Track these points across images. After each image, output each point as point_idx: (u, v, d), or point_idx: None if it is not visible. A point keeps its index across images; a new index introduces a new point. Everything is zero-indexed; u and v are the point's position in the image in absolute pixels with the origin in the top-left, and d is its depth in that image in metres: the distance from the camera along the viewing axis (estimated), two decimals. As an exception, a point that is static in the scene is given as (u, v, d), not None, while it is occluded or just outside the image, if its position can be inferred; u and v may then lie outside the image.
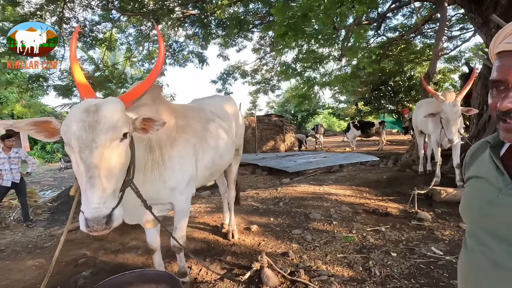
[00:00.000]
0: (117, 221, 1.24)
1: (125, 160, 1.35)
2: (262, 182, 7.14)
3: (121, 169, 1.32)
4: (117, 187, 1.30)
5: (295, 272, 2.36)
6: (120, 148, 1.29)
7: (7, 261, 3.20)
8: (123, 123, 1.29)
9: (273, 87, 15.22)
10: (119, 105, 1.34)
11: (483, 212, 0.74)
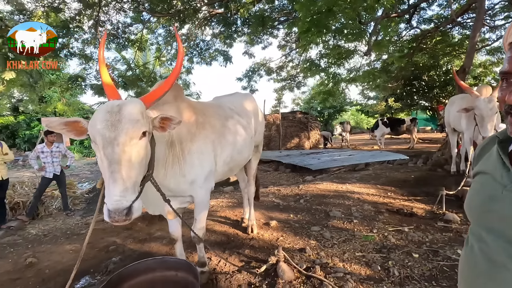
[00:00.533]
0: (136, 213, 1.33)
1: (144, 157, 1.43)
2: (285, 179, 7.15)
3: (140, 165, 1.40)
4: (137, 181, 1.39)
5: (311, 268, 2.38)
6: (139, 146, 1.37)
7: (49, 244, 3.54)
8: (142, 122, 1.38)
9: (298, 84, 15.07)
10: (139, 106, 1.44)
11: (486, 208, 0.72)
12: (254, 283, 2.25)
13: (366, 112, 28.75)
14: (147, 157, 1.48)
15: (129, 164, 1.33)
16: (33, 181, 6.36)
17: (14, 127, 17.84)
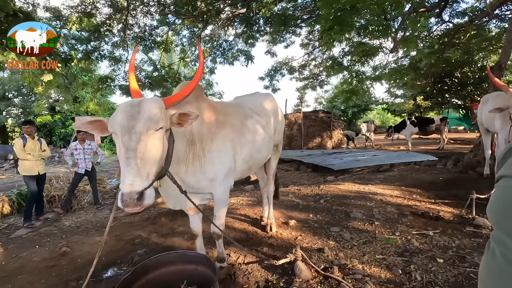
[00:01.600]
0: (148, 200, 1.40)
1: (159, 149, 1.50)
2: (306, 179, 7.09)
3: (154, 156, 1.47)
4: (150, 170, 1.46)
5: (328, 268, 2.37)
6: (154, 137, 1.46)
7: (81, 236, 3.80)
8: (159, 117, 1.48)
9: (321, 83, 14.86)
10: (159, 103, 1.56)
11: (508, 213, 0.70)
12: (271, 281, 2.28)
13: (392, 111, 27.66)
14: (162, 151, 1.55)
15: (143, 152, 1.41)
16: (67, 176, 6.80)
17: (51, 126, 19.14)
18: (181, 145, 1.87)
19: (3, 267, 3.00)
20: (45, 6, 7.27)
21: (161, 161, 1.57)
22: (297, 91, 17.38)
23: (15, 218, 5.16)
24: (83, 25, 7.43)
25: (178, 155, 1.84)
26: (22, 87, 18.30)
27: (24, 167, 4.67)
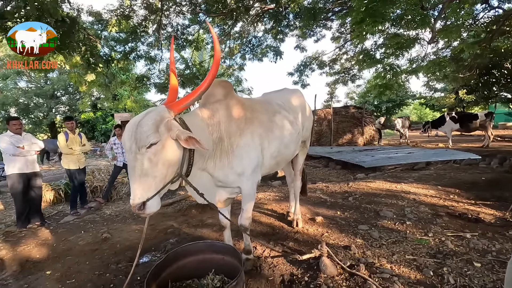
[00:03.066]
0: (150, 209, 1.56)
1: (157, 163, 1.56)
2: (334, 176, 6.97)
3: (153, 170, 1.56)
4: (152, 183, 1.57)
5: (355, 265, 2.34)
6: (150, 153, 1.53)
7: (120, 224, 4.10)
8: (148, 134, 1.52)
9: (353, 77, 14.37)
10: (155, 119, 1.58)
11: None
12: (296, 274, 2.31)
13: (431, 106, 25.94)
14: (164, 163, 1.60)
15: (141, 169, 1.53)
16: (107, 169, 7.34)
17: (93, 122, 20.63)
18: (208, 144, 1.93)
19: (55, 248, 3.35)
20: (88, 11, 7.84)
21: (167, 170, 1.63)
22: (327, 86, 17.00)
23: (63, 206, 5.69)
24: (121, 27, 7.90)
25: (203, 153, 1.94)
26: (68, 86, 19.89)
27: (65, 161, 5.08)
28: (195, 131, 1.80)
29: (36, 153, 4.55)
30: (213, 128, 2.08)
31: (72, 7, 6.41)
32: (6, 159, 4.26)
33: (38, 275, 2.75)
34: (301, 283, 2.20)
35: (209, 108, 2.14)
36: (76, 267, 2.85)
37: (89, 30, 7.15)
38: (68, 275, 2.70)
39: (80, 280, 2.60)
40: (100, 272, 2.70)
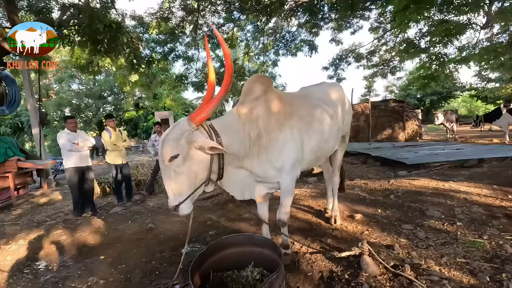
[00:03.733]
0: (183, 211, 1.77)
1: (181, 173, 1.72)
2: (373, 173, 6.67)
3: (179, 179, 1.73)
4: (181, 190, 1.74)
5: (399, 266, 2.23)
6: (174, 165, 1.70)
7: (163, 215, 4.34)
8: (171, 148, 1.68)
9: (393, 69, 13.59)
10: (175, 133, 1.72)
11: None
12: (336, 272, 2.26)
13: (483, 98, 23.55)
14: (189, 172, 1.74)
15: (169, 178, 1.74)
16: (150, 164, 7.78)
17: (136, 120, 21.97)
18: (240, 147, 2.01)
19: (106, 236, 3.65)
20: (131, 15, 8.34)
21: (193, 178, 1.78)
22: (365, 80, 16.28)
23: (111, 198, 6.16)
24: (161, 29, 8.30)
25: (238, 154, 2.02)
26: (114, 87, 21.39)
27: (110, 157, 5.44)
28: (227, 133, 1.89)
29: (89, 149, 4.97)
30: (251, 125, 2.09)
31: (117, 13, 6.86)
32: (64, 154, 4.71)
33: (93, 259, 3.02)
34: (341, 281, 2.15)
35: (247, 104, 2.16)
36: (125, 253, 3.08)
37: (132, 34, 7.61)
38: (119, 260, 2.93)
39: (129, 265, 2.81)
40: (147, 260, 2.89)
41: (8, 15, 5.06)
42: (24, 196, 6.79)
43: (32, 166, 6.94)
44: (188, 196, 1.77)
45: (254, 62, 13.94)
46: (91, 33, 5.65)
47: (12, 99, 4.75)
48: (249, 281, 1.99)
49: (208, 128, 1.82)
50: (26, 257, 3.19)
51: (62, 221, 4.56)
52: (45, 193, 7.18)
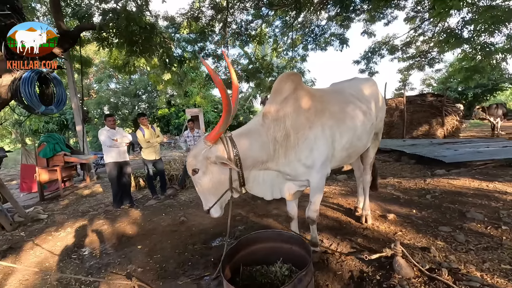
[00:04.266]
0: (213, 215, 2.09)
1: (203, 184, 2.01)
2: (408, 172, 6.35)
3: (204, 188, 2.03)
4: (208, 198, 2.05)
5: (435, 269, 2.13)
6: (196, 178, 2.00)
7: (194, 209, 4.51)
8: (192, 164, 1.98)
9: (431, 61, 12.71)
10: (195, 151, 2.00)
11: None
12: (367, 272, 2.22)
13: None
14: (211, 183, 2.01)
15: (197, 188, 2.07)
16: (181, 159, 8.08)
17: (168, 117, 22.84)
18: (261, 152, 2.12)
19: (143, 227, 3.89)
20: (163, 16, 8.67)
21: (215, 188, 2.02)
22: (399, 73, 15.44)
23: (147, 191, 6.49)
24: (191, 28, 8.53)
25: (260, 159, 2.13)
26: (147, 86, 22.39)
27: (145, 153, 5.71)
28: (245, 142, 2.06)
29: (126, 144, 5.28)
30: (276, 127, 2.14)
31: (151, 15, 7.16)
32: (105, 149, 5.06)
33: (131, 248, 3.23)
34: (372, 281, 2.11)
35: (274, 106, 2.21)
36: (160, 244, 3.25)
37: (164, 34, 7.90)
38: (155, 250, 3.11)
39: (164, 255, 2.97)
40: (180, 251, 3.04)
41: (56, 22, 5.48)
42: (69, 188, 7.40)
43: (77, 161, 7.53)
44: (215, 202, 2.04)
45: (283, 58, 13.80)
46: (128, 35, 5.96)
47: (60, 99, 5.15)
48: (278, 277, 2.02)
49: (226, 141, 2.00)
50: (73, 243, 3.50)
51: (103, 212, 4.92)
52: (87, 186, 7.77)
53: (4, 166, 12.33)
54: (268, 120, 2.16)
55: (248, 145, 2.05)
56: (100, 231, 3.80)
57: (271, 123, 2.15)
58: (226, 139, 2.01)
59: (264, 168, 2.20)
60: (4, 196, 4.62)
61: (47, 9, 8.50)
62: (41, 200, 6.42)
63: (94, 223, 4.09)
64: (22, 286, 2.61)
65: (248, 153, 2.04)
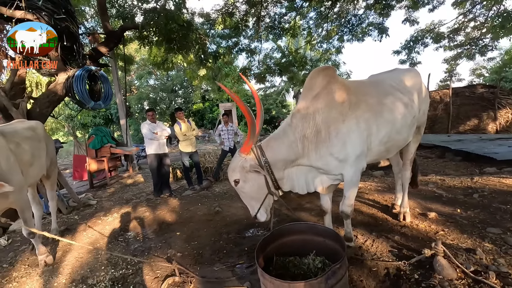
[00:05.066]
0: (260, 219, 2.23)
1: (248, 192, 2.19)
2: (452, 169, 5.92)
3: (248, 196, 2.21)
4: (252, 204, 2.22)
5: (481, 272, 2.00)
6: (239, 188, 2.19)
7: (228, 200, 4.66)
8: (231, 175, 2.17)
9: (483, 49, 11.59)
10: (233, 165, 2.17)
11: None
12: (404, 270, 2.15)
13: None
14: (251, 190, 2.18)
15: (241, 197, 2.27)
16: (215, 152, 8.33)
17: (202, 112, 23.57)
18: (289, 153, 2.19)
19: (181, 215, 4.11)
20: (199, 13, 8.91)
21: (256, 193, 2.18)
22: (445, 63, 14.32)
23: (184, 182, 6.82)
24: (226, 24, 8.67)
25: (289, 159, 2.20)
26: (184, 81, 23.26)
27: (182, 145, 5.96)
28: (272, 147, 2.19)
29: (165, 137, 5.58)
30: (306, 125, 2.18)
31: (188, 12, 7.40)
32: (146, 142, 5.39)
33: (171, 234, 3.45)
34: (409, 280, 2.04)
35: (305, 103, 2.25)
36: (197, 232, 3.43)
37: (200, 30, 8.13)
38: (192, 237, 3.29)
39: (201, 243, 3.13)
40: (215, 239, 3.18)
41: (102, 23, 5.92)
42: (115, 177, 8.03)
43: (121, 152, 8.12)
44: (259, 207, 2.19)
45: (317, 50, 13.47)
46: (166, 33, 6.24)
47: (107, 95, 5.60)
48: (311, 269, 2.04)
49: (256, 150, 2.15)
50: (120, 228, 3.82)
51: (145, 200, 5.28)
52: (130, 175, 8.36)
53: (58, 156, 13.68)
54: (296, 119, 2.22)
55: (275, 150, 2.18)
56: (143, 217, 4.10)
57: (299, 121, 2.20)
58: (256, 148, 2.17)
59: (296, 164, 2.27)
60: (61, 183, 5.16)
61: (95, 11, 9.17)
62: (91, 187, 7.05)
63: (137, 210, 4.41)
64: (78, 262, 2.92)
65: (276, 157, 2.17)
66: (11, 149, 2.61)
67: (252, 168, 2.09)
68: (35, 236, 2.80)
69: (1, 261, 3.12)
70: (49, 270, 2.79)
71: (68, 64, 5.13)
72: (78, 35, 5.27)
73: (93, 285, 2.45)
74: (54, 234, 3.47)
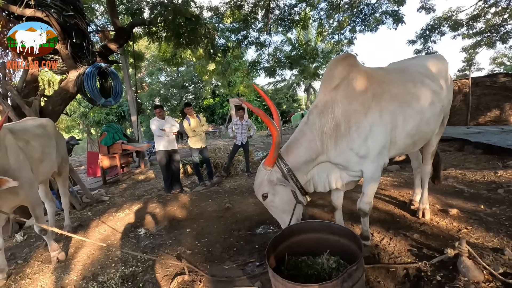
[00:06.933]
0: None
1: (278, 206, 2.11)
2: (473, 162, 5.65)
3: (278, 210, 2.15)
4: (283, 216, 2.16)
5: (511, 274, 1.85)
6: (268, 202, 2.11)
7: (238, 196, 4.59)
8: (259, 190, 2.11)
9: (504, 36, 11.00)
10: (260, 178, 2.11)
11: None
12: (425, 271, 2.02)
13: None
14: (281, 202, 2.10)
15: (272, 212, 2.21)
16: (226, 148, 8.29)
17: (212, 107, 23.62)
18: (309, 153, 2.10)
19: (191, 211, 4.08)
20: (207, 7, 8.79)
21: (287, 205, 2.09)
22: (463, 52, 13.73)
23: (194, 178, 6.81)
24: (234, 17, 8.52)
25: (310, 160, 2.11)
26: (194, 77, 23.31)
27: (191, 141, 5.92)
28: (290, 152, 2.11)
29: (174, 134, 5.55)
30: (323, 119, 2.06)
31: (196, 6, 7.31)
32: (155, 138, 5.38)
33: (181, 231, 3.41)
34: (431, 282, 1.91)
35: (322, 97, 2.13)
36: (207, 229, 3.38)
37: (208, 24, 8.02)
38: (202, 234, 3.24)
39: (211, 240, 3.07)
40: (226, 236, 3.12)
41: (112, 19, 5.90)
42: (127, 174, 8.11)
43: (133, 148, 8.19)
44: (291, 219, 2.10)
45: (328, 42, 13.12)
46: (175, 28, 6.18)
47: (117, 91, 5.61)
48: (325, 269, 1.94)
49: (278, 162, 2.07)
50: (131, 224, 3.81)
51: (156, 196, 5.28)
52: (142, 172, 8.43)
53: (74, 153, 14.02)
54: (312, 116, 2.10)
55: (295, 154, 2.10)
56: (154, 213, 4.09)
57: (316, 118, 2.08)
58: (278, 159, 2.07)
59: (317, 163, 2.17)
60: (74, 179, 5.22)
61: (104, 9, 9.21)
62: (104, 184, 7.15)
63: (148, 206, 4.41)
64: (89, 259, 2.92)
65: (298, 160, 2.09)
66: (20, 147, 2.61)
67: (279, 182, 2.03)
68: (47, 232, 2.82)
69: (16, 257, 3.16)
70: (61, 267, 2.80)
71: (79, 61, 5.15)
72: (87, 32, 5.27)
73: (103, 283, 2.43)
74: (67, 230, 3.50)
